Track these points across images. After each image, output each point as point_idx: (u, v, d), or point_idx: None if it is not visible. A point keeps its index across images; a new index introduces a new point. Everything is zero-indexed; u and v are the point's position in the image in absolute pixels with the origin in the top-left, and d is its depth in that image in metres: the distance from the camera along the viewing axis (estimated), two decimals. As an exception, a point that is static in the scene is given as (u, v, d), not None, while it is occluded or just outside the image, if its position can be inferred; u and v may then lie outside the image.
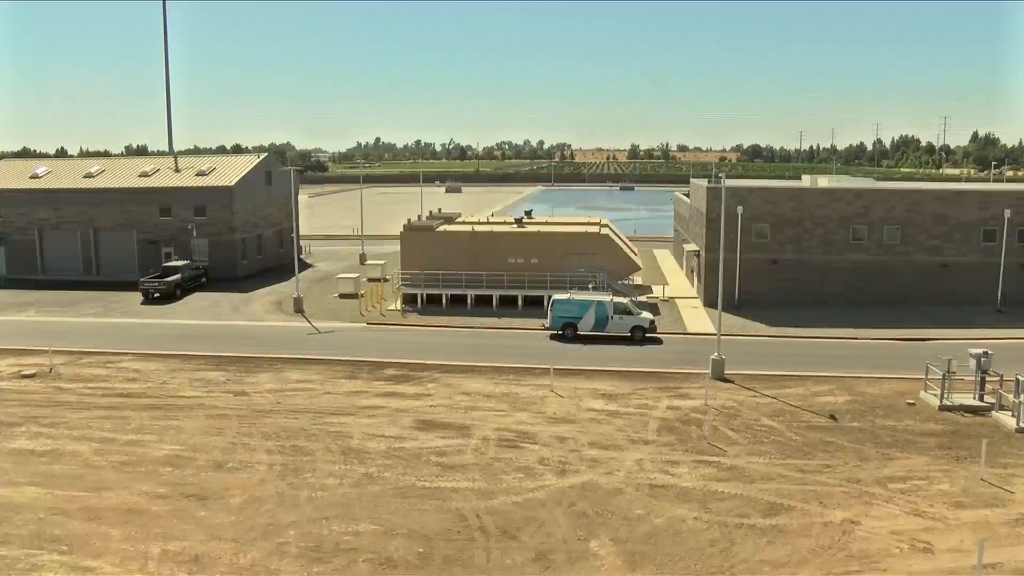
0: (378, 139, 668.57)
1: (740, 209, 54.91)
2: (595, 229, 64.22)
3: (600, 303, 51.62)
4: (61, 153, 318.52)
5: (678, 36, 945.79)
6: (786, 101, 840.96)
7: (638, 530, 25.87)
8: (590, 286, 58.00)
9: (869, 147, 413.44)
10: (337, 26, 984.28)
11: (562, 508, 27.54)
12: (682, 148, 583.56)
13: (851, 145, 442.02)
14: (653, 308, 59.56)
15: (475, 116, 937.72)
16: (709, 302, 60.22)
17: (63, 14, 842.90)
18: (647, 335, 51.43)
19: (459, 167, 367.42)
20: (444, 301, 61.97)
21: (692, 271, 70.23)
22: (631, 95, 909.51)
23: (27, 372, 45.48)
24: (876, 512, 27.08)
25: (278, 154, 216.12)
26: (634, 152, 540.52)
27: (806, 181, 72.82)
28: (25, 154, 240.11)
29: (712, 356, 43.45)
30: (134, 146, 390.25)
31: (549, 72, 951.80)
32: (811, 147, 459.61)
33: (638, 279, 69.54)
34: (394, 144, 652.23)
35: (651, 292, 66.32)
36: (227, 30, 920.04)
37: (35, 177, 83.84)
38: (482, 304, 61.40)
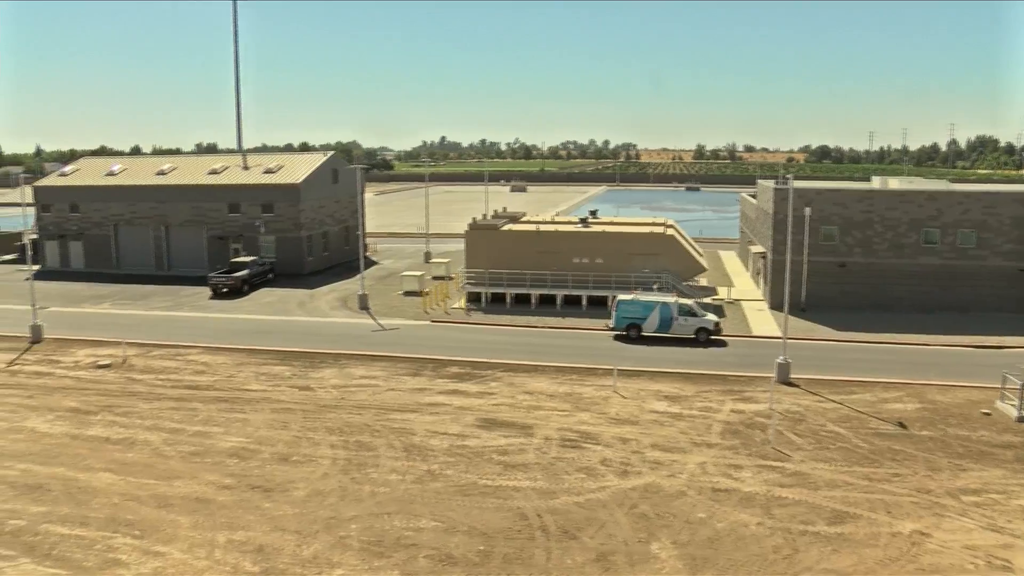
0: (443, 138, 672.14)
1: (807, 211, 54.05)
2: (660, 230, 63.77)
3: (665, 304, 51.27)
4: (135, 151, 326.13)
5: (747, 35, 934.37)
6: (856, 101, 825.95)
7: (700, 534, 25.66)
8: (655, 287, 57.63)
9: (943, 148, 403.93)
10: (404, 26, 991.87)
11: (623, 509, 27.43)
12: (749, 148, 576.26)
13: (924, 146, 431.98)
14: (718, 310, 58.96)
15: (541, 115, 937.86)
16: (775, 304, 59.41)
17: (138, 16, 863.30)
18: (711, 337, 50.96)
19: (524, 166, 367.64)
20: (508, 300, 62.10)
21: (758, 273, 69.36)
22: (698, 95, 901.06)
23: (103, 363, 46.74)
24: (948, 525, 26.38)
25: (344, 152, 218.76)
26: (700, 152, 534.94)
27: (876, 182, 71.40)
28: (102, 152, 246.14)
29: (777, 359, 42.87)
30: (204, 144, 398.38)
31: (615, 72, 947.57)
32: (881, 148, 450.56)
33: (703, 280, 68.87)
34: (459, 143, 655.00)
35: (716, 294, 65.65)
36: (295, 30, 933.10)
37: (111, 175, 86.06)
38: (546, 304, 61.39)
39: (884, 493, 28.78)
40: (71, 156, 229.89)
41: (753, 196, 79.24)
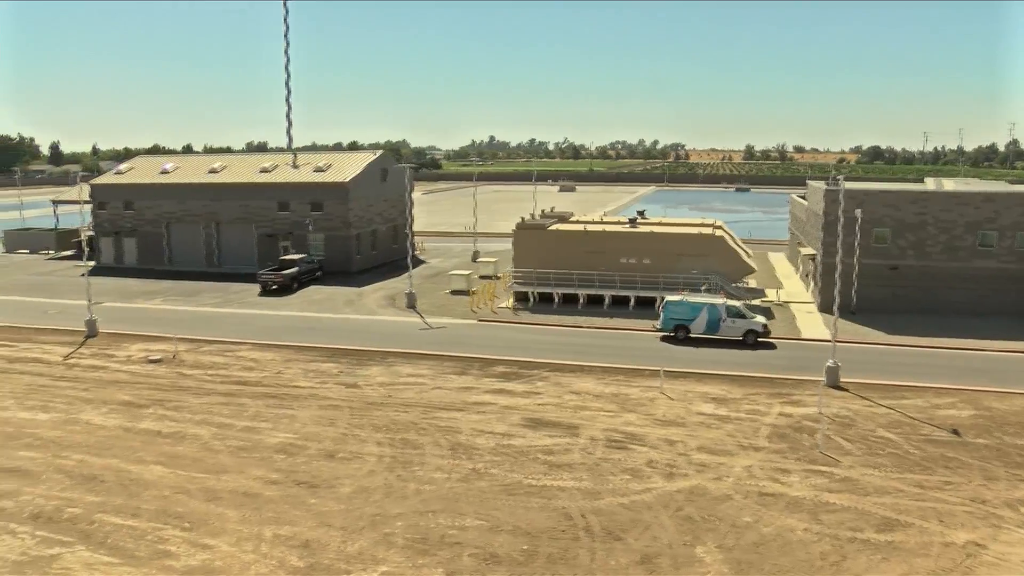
0: (492, 137, 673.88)
1: (859, 212, 53.16)
2: (709, 231, 63.30)
3: (713, 305, 50.89)
4: (188, 150, 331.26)
5: (798, 34, 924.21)
6: (911, 101, 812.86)
7: (746, 538, 25.43)
8: (703, 288, 57.23)
9: (1002, 148, 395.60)
10: (452, 26, 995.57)
11: (669, 512, 27.28)
12: (799, 149, 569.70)
13: (981, 146, 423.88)
14: (766, 312, 58.37)
15: (589, 115, 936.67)
16: (824, 307, 58.62)
17: (190, 18, 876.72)
18: (760, 339, 50.47)
19: (572, 166, 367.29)
20: (555, 300, 62.06)
21: (807, 275, 68.55)
22: (747, 95, 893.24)
23: (154, 357, 47.53)
24: (1006, 537, 25.71)
25: (393, 151, 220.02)
26: (750, 153, 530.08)
27: (930, 184, 70.17)
28: (156, 151, 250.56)
29: (827, 363, 42.32)
30: (254, 143, 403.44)
31: (665, 71, 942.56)
32: (936, 148, 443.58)
33: (752, 282, 68.26)
34: (508, 142, 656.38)
35: (765, 295, 65.04)
36: (345, 30, 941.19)
37: (164, 173, 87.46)
38: (593, 304, 61.25)
39: (936, 502, 28.24)
40: (126, 155, 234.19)
41: (803, 197, 78.30)
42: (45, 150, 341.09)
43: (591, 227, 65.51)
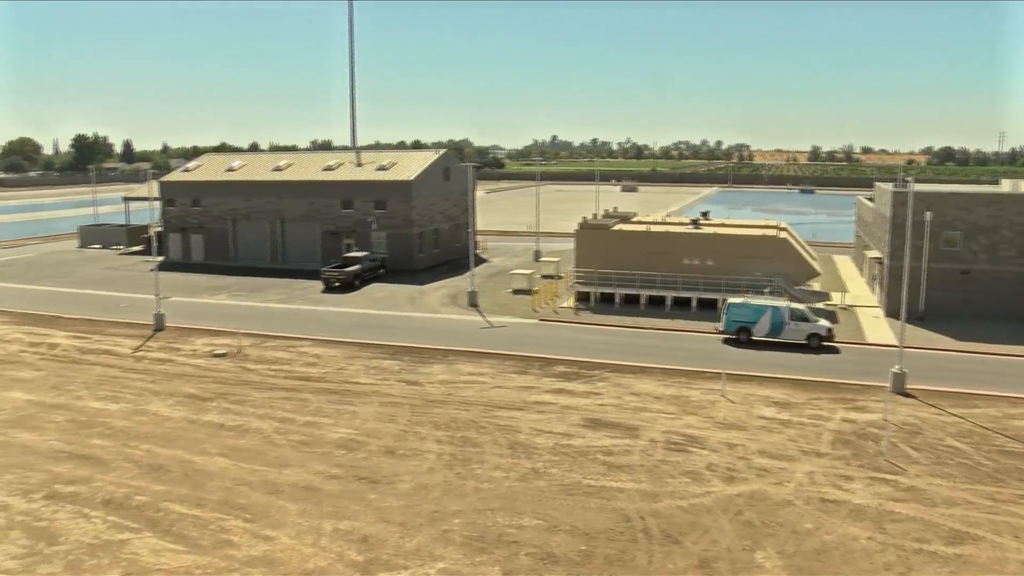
0: (554, 137, 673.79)
1: (928, 215, 52.13)
2: (773, 232, 62.51)
3: (776, 308, 50.23)
4: (254, 148, 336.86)
5: (866, 33, 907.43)
6: (985, 100, 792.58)
7: (806, 545, 25.05)
8: (766, 290, 56.52)
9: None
10: (516, 25, 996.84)
11: (728, 516, 27.00)
12: (866, 150, 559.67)
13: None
14: (831, 315, 57.41)
15: (652, 115, 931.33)
16: (891, 312, 57.46)
17: (255, 18, 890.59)
18: (824, 343, 49.66)
19: (635, 166, 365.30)
20: (617, 300, 61.80)
21: (873, 279, 67.28)
22: (814, 95, 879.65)
23: (219, 352, 48.40)
24: (1080, 551, 24.84)
25: (456, 150, 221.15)
26: (815, 154, 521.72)
27: (1006, 186, 68.38)
28: (223, 149, 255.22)
29: (892, 368, 41.47)
30: (319, 141, 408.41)
31: (730, 71, 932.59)
32: (1013, 149, 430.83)
33: (816, 285, 67.21)
34: (570, 142, 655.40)
35: (829, 299, 63.99)
36: (409, 30, 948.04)
37: (231, 170, 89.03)
38: (655, 305, 60.86)
39: (1011, 515, 27.36)
40: (194, 153, 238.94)
41: (870, 199, 76.90)
42: (118, 148, 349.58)
43: (654, 228, 65.12)
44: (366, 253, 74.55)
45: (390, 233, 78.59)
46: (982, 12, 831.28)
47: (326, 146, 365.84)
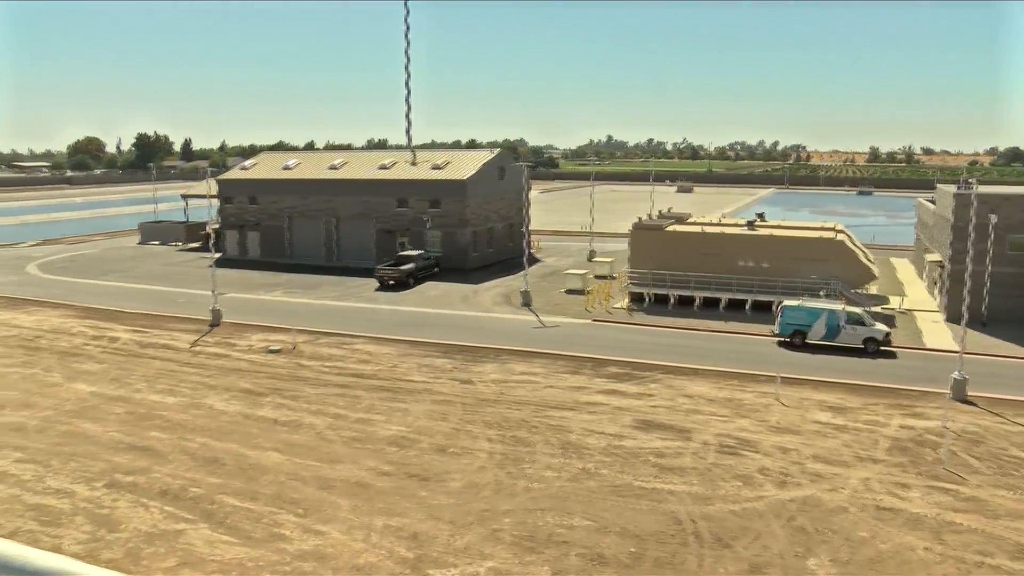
0: (609, 137, 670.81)
1: (992, 218, 50.97)
2: (830, 235, 61.61)
3: (832, 311, 49.48)
4: (310, 147, 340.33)
5: (927, 31, 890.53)
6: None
7: (861, 553, 24.63)
8: (822, 293, 55.75)
9: None
10: (570, 25, 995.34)
11: (780, 521, 26.67)
12: (927, 151, 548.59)
13: None
14: (888, 320, 56.39)
15: (708, 115, 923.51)
16: (952, 317, 56.30)
17: (311, 18, 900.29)
18: (881, 348, 48.80)
19: (690, 166, 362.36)
20: (670, 301, 61.42)
21: (933, 283, 65.99)
22: (872, 94, 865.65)
23: (274, 348, 49.02)
24: None
25: (511, 150, 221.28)
26: (874, 155, 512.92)
27: (1073, 190, 66.61)
28: (279, 147, 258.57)
29: (953, 375, 40.59)
30: (374, 140, 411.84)
31: (786, 71, 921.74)
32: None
33: (873, 288, 66.12)
34: (625, 142, 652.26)
35: (887, 303, 62.90)
36: (465, 30, 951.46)
37: (287, 169, 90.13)
38: (709, 306, 60.37)
39: (1073, 526, 26.67)
40: (251, 151, 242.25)
41: (931, 201, 75.43)
42: (177, 147, 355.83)
43: (708, 229, 64.61)
44: (420, 252, 74.94)
45: (444, 232, 78.90)
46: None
47: (381, 145, 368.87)
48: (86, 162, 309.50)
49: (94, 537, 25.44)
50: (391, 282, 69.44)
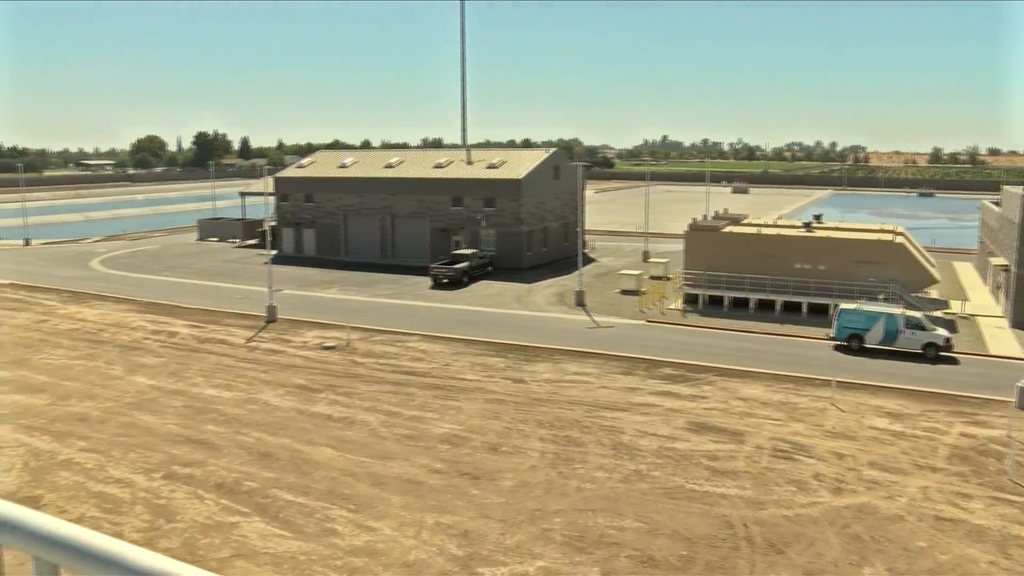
0: (665, 137, 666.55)
1: (1061, 222, 49.66)
2: (889, 237, 60.51)
3: (890, 315, 48.59)
4: (366, 145, 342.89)
5: (988, 28, 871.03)
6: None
7: (919, 564, 24.11)
8: (880, 297, 54.80)
9: None
10: (626, 24, 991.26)
11: (835, 528, 26.24)
12: (993, 151, 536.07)
13: None
14: (949, 324, 55.24)
15: (765, 115, 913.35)
16: (1017, 323, 55.00)
17: (367, 19, 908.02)
18: (941, 353, 47.80)
19: (747, 167, 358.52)
20: (725, 303, 60.84)
21: (998, 287, 64.49)
22: (935, 94, 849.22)
23: (328, 344, 49.49)
24: None
25: (566, 149, 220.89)
26: (936, 156, 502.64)
27: None
28: (335, 146, 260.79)
29: (1019, 383, 39.56)
30: (430, 139, 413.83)
31: (845, 70, 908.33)
32: None
33: (934, 292, 64.83)
34: (681, 142, 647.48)
35: (948, 307, 61.61)
36: (520, 30, 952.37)
37: (343, 167, 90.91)
38: (764, 309, 59.69)
39: None
40: (308, 149, 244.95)
41: (996, 203, 73.74)
42: (236, 145, 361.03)
43: (765, 230, 63.90)
44: (475, 250, 75.12)
45: (499, 231, 79.00)
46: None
47: (437, 144, 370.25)
48: (148, 160, 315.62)
49: (152, 526, 25.95)
50: (445, 280, 69.68)
